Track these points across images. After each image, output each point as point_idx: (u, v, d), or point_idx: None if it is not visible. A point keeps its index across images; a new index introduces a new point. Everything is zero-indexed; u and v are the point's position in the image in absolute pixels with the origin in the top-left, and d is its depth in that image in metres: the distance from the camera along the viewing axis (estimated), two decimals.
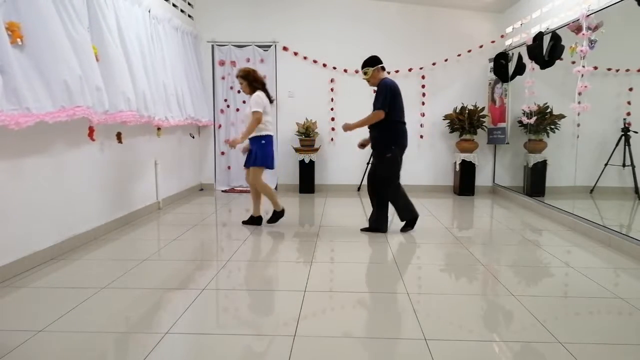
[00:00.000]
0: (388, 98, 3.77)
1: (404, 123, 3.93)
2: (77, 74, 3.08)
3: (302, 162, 6.33)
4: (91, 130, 3.47)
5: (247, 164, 4.18)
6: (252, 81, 4.08)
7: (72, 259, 3.19)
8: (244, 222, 4.35)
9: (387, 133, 3.85)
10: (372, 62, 3.91)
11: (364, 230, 4.06)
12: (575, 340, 2.02)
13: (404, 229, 4.05)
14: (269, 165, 4.14)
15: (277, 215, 4.31)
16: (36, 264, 2.99)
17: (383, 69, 3.96)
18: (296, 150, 6.36)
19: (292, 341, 2.00)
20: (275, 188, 6.64)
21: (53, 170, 3.20)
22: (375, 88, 3.91)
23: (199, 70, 6.18)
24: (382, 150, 3.87)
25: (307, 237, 3.88)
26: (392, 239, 3.84)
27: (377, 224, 4.02)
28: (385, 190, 3.93)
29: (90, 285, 2.65)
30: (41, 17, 2.85)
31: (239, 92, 6.47)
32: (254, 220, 4.30)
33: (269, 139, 4.11)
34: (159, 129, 4.89)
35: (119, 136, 4.07)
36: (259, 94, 4.05)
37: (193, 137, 5.78)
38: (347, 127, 3.98)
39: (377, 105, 3.80)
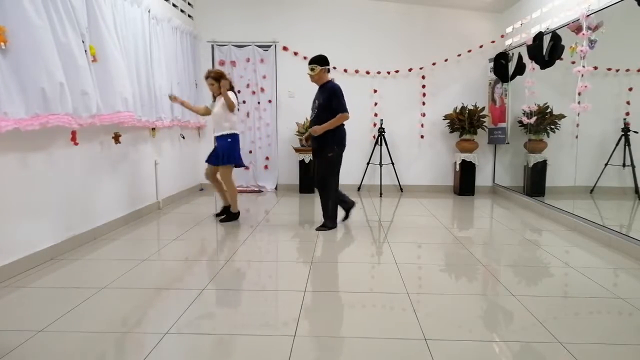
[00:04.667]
0: (343, 100, 3.98)
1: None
2: (57, 80, 2.96)
3: (302, 162, 6.34)
4: (73, 135, 3.38)
5: (212, 161, 4.38)
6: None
7: (72, 259, 3.19)
8: (222, 220, 4.46)
9: (334, 133, 4.00)
10: (321, 61, 4.07)
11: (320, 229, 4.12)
12: (575, 340, 2.02)
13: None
14: (238, 163, 4.36)
15: (232, 216, 4.48)
16: (36, 264, 2.99)
17: (329, 70, 4.16)
18: (296, 150, 6.36)
19: (292, 341, 2.00)
20: (276, 188, 6.65)
21: (53, 170, 3.20)
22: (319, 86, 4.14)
23: (194, 72, 6.09)
24: (326, 149, 4.02)
25: (307, 237, 3.88)
26: (392, 239, 3.84)
27: (327, 221, 4.15)
28: (328, 188, 4.08)
29: (90, 285, 2.65)
30: (27, 21, 2.76)
31: (239, 91, 6.47)
32: (233, 216, 4.49)
33: (235, 137, 4.33)
34: (153, 129, 4.89)
35: (116, 137, 4.06)
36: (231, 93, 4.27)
37: (184, 138, 5.82)
38: (315, 131, 4.00)
39: (339, 109, 3.93)
